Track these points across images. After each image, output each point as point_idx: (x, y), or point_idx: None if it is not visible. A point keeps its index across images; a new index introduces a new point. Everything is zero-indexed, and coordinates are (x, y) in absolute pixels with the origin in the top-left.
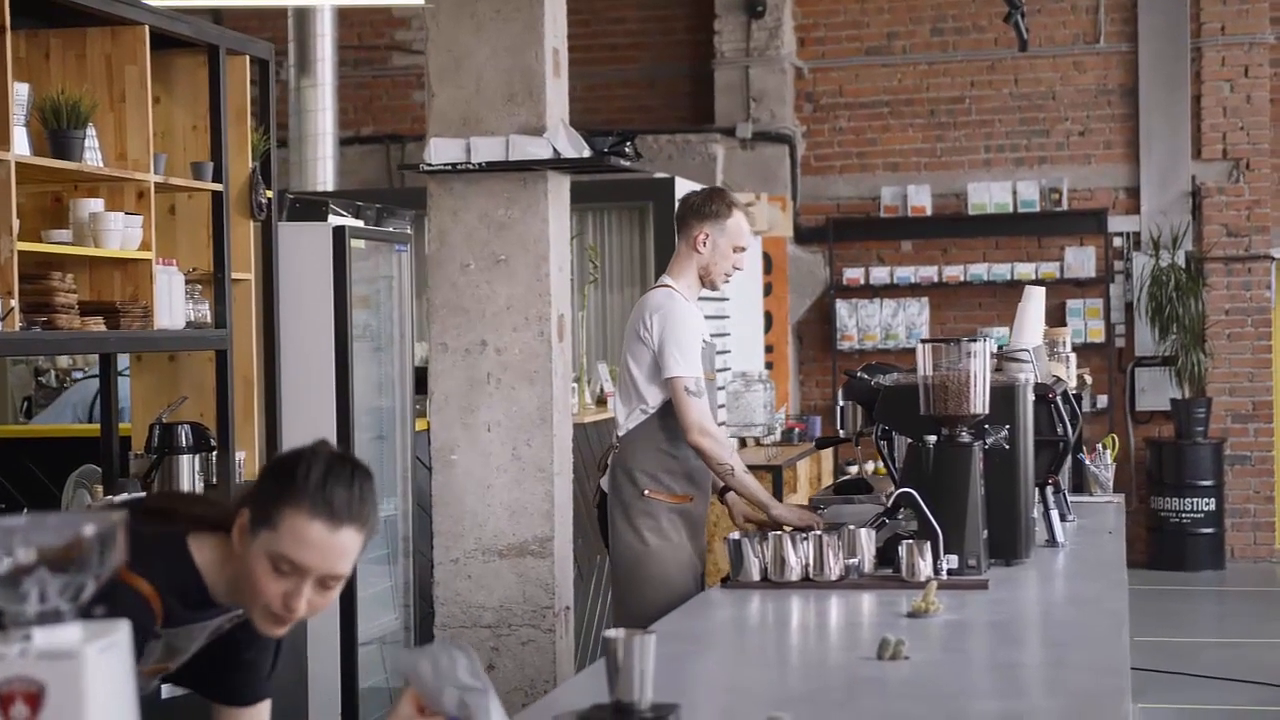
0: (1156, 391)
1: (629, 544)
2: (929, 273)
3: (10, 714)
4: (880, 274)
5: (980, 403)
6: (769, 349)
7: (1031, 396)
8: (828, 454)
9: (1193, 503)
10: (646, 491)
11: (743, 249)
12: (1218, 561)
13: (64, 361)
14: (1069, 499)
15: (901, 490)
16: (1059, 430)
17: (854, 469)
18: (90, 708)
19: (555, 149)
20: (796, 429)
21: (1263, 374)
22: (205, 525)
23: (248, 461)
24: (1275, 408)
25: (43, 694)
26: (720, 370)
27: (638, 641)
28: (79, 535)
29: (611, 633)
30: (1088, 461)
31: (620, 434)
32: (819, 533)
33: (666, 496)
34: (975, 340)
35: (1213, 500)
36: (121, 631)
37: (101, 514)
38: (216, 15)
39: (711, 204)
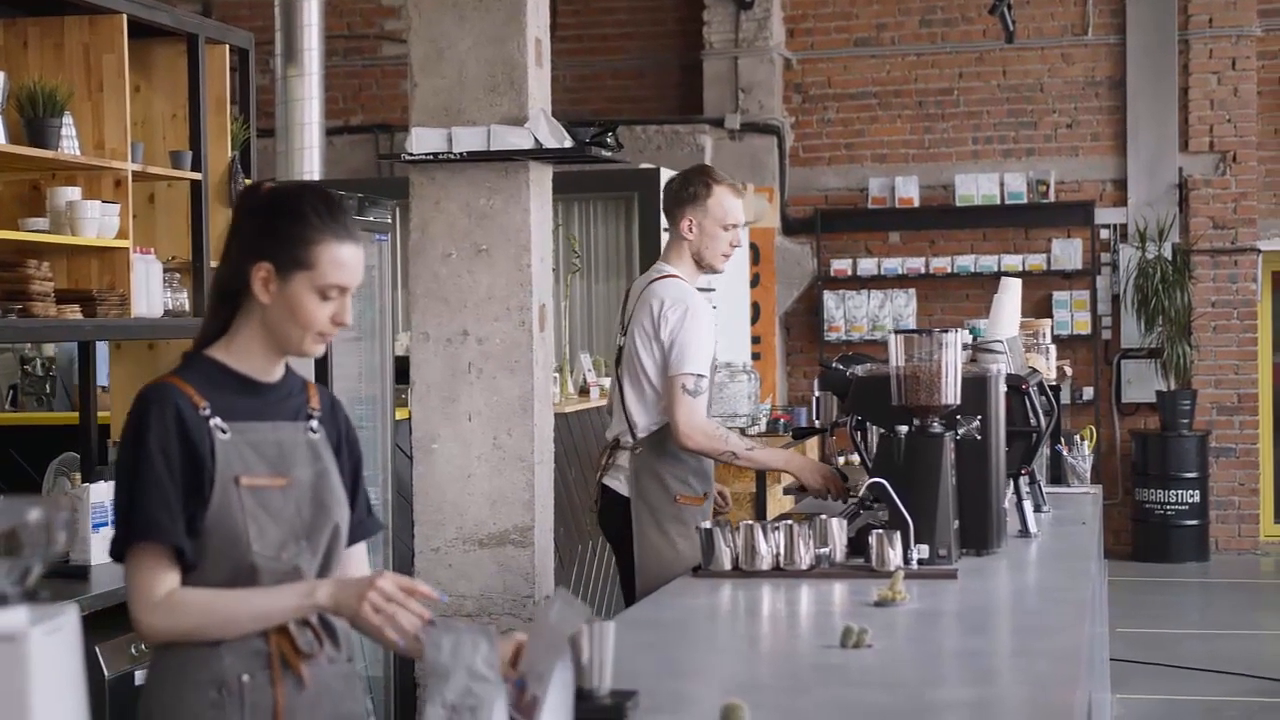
0: (1142, 383)
1: (658, 549)
2: (916, 264)
3: None
4: (868, 265)
5: (952, 393)
6: (756, 340)
7: (1004, 388)
8: (816, 444)
9: (1177, 495)
10: (679, 498)
11: (733, 226)
12: (1202, 553)
13: (50, 349)
14: (1045, 490)
15: (873, 480)
16: (1032, 421)
17: (842, 459)
18: (35, 690)
19: (536, 139)
20: (783, 419)
21: (1248, 366)
22: (209, 339)
23: None
24: (1260, 400)
25: None
26: None
27: (596, 629)
28: (23, 520)
29: None
30: (1065, 453)
31: (640, 434)
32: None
33: (694, 499)
34: (947, 332)
35: (1197, 492)
36: (68, 615)
37: (47, 499)
38: (206, 5)
39: (689, 187)
